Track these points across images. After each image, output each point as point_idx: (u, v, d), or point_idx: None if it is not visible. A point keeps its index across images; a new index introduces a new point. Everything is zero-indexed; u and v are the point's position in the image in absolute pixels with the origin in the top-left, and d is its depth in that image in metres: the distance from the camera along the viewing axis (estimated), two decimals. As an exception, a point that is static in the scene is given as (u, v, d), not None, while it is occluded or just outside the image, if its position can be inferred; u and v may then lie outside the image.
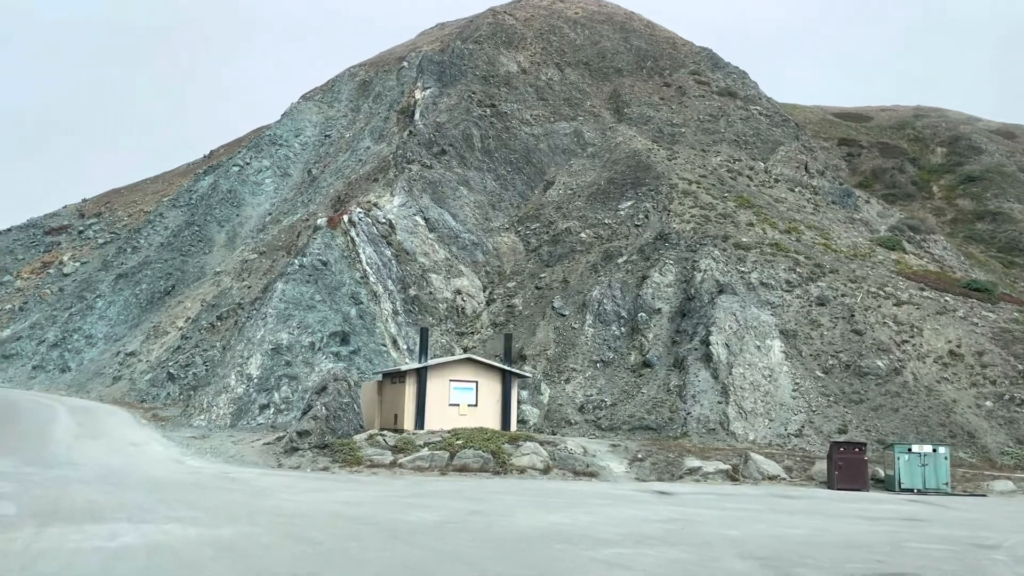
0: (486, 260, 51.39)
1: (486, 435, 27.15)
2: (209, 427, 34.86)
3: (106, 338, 55.39)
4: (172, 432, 34.30)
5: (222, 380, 36.91)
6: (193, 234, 62.75)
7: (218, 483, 20.28)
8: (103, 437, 30.98)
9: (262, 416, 35.66)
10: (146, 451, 28.53)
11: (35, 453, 25.97)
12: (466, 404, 29.96)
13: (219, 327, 48.24)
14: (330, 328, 39.83)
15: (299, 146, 73.85)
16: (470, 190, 55.17)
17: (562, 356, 40.96)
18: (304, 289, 41.02)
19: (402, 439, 27.29)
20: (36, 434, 30.75)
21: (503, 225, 53.96)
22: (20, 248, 73.05)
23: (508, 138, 59.50)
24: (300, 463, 26.65)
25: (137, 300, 57.61)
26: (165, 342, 50.97)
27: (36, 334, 57.96)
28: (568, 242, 49.94)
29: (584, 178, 55.72)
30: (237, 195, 66.86)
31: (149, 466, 24.13)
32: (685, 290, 42.00)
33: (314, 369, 37.78)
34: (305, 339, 38.73)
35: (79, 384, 51.12)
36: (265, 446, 29.76)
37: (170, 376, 45.58)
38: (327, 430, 27.46)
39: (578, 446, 27.28)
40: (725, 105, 65.17)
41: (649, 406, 35.95)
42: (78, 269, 66.55)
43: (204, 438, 32.46)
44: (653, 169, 53.44)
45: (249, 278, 52.39)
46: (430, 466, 25.75)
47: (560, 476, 25.46)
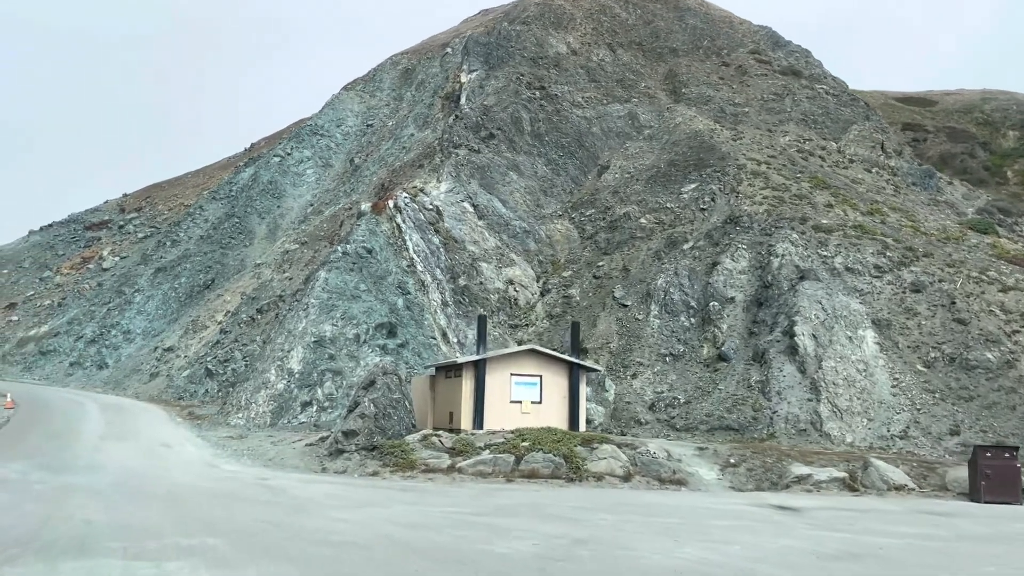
0: (538, 248, 47.96)
1: (555, 436, 23.69)
2: (247, 426, 31.94)
3: (144, 333, 53.08)
4: (208, 432, 31.44)
5: (261, 375, 33.98)
6: (233, 226, 60.31)
7: (252, 493, 17.11)
8: (132, 437, 28.17)
9: (304, 414, 32.63)
10: (177, 453, 25.59)
11: (54, 455, 23.17)
12: (529, 401, 26.54)
13: (259, 320, 45.47)
14: (376, 319, 36.70)
15: (341, 136, 71.22)
16: (520, 175, 51.77)
17: (626, 349, 37.37)
18: (348, 278, 37.95)
19: (460, 440, 23.95)
20: (61, 434, 28.06)
21: (556, 212, 50.46)
22: (60, 244, 71.44)
23: (559, 121, 55.97)
24: (346, 467, 23.47)
25: (176, 294, 55.24)
26: (204, 337, 48.40)
27: (74, 330, 55.90)
28: (627, 228, 46.27)
29: (642, 161, 51.98)
30: (278, 186, 64.33)
31: (177, 471, 21.11)
32: (761, 277, 38.11)
33: (359, 363, 34.68)
34: (349, 331, 35.64)
35: (116, 381, 48.78)
36: (307, 447, 26.67)
37: (208, 372, 42.90)
38: (376, 430, 24.24)
39: (660, 449, 23.68)
40: (789, 84, 60.91)
41: (729, 404, 32.18)
42: (117, 264, 64.55)
43: (242, 438, 29.52)
44: (717, 150, 49.50)
45: (290, 269, 49.61)
46: (493, 471, 22.39)
47: (644, 484, 21.92)
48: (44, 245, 71.84)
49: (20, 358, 55.11)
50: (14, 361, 54.93)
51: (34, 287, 64.96)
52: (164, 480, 18.81)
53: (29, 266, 68.85)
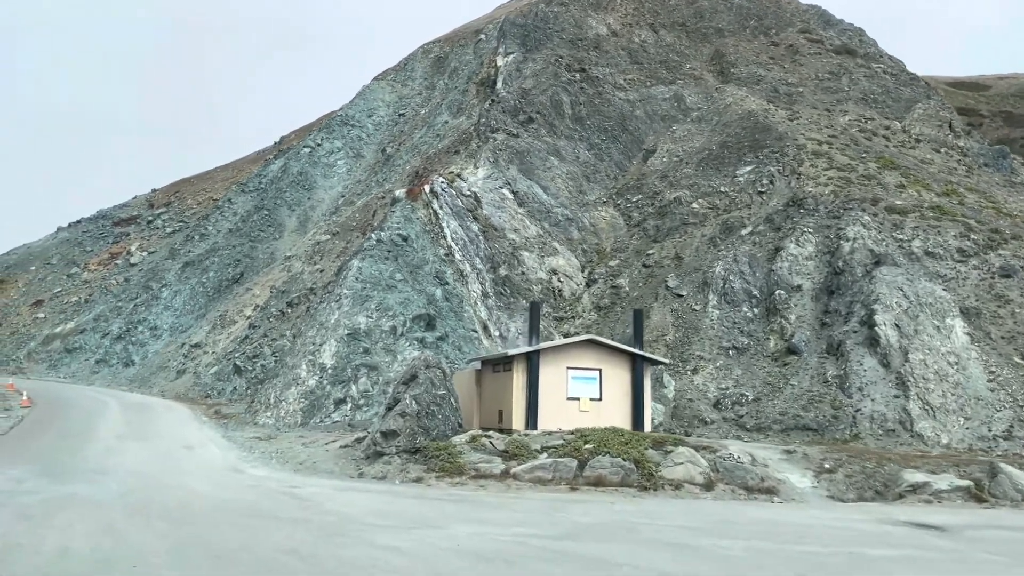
0: (582, 237, 44.98)
1: (623, 438, 20.72)
2: (277, 426, 29.35)
3: (171, 329, 50.92)
4: (235, 432, 28.90)
5: (292, 371, 31.38)
6: (262, 219, 58.03)
7: (279, 506, 14.38)
8: (151, 438, 25.67)
9: (337, 412, 29.97)
10: (199, 456, 23.01)
11: (62, 459, 20.68)
12: (588, 398, 23.59)
13: (289, 315, 42.99)
14: (413, 311, 33.97)
15: (372, 126, 68.71)
16: (561, 160, 48.80)
17: (684, 342, 34.26)
18: (383, 267, 35.26)
19: (513, 442, 21.06)
20: (76, 434, 25.64)
21: (600, 198, 47.43)
22: (89, 240, 69.75)
23: (601, 104, 52.92)
24: (386, 471, 20.70)
25: (204, 289, 53.03)
26: (232, 332, 46.06)
27: (100, 326, 53.92)
28: (678, 214, 43.12)
29: (691, 144, 48.75)
30: (308, 177, 61.96)
31: (195, 477, 18.48)
32: (830, 263, 34.82)
33: (396, 357, 31.97)
34: (385, 323, 32.94)
35: (142, 379, 46.62)
36: (342, 449, 23.97)
37: (236, 369, 40.48)
38: (418, 430, 21.44)
39: (743, 452, 20.61)
40: (844, 63, 57.28)
41: (804, 401, 28.97)
42: (145, 259, 62.61)
43: (270, 439, 26.92)
44: (773, 130, 46.13)
45: (321, 261, 47.10)
46: (553, 478, 19.48)
47: (729, 493, 18.89)
48: (72, 241, 70.20)
49: (45, 356, 53.26)
50: (39, 359, 53.10)
51: (61, 284, 63.26)
52: (178, 489, 16.16)
53: (57, 263, 67.22)
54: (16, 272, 67.60)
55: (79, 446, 23.18)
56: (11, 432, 26.06)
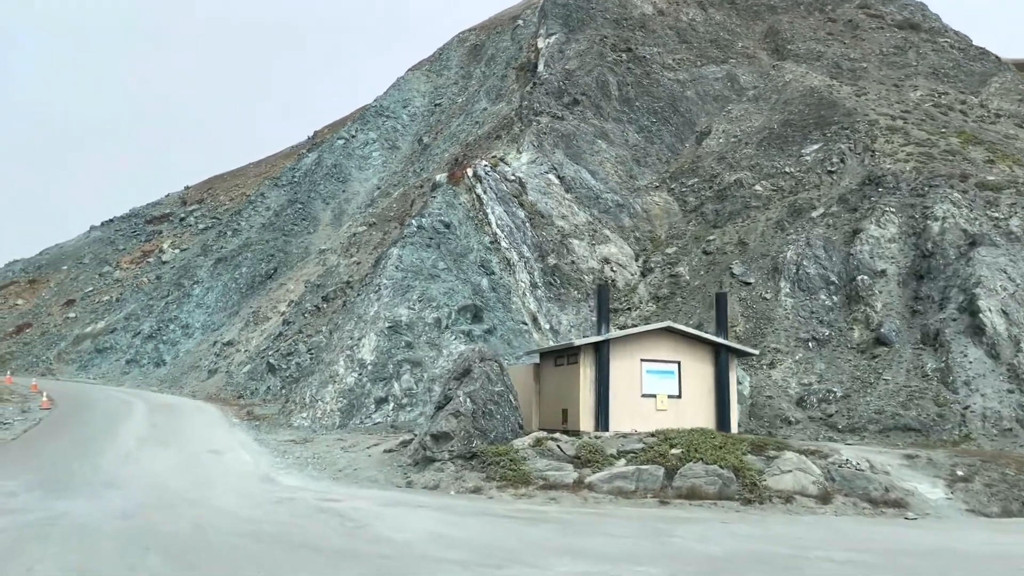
0: (634, 224, 41.79)
1: (715, 441, 17.58)
2: (313, 427, 26.62)
3: (203, 327, 48.67)
4: (268, 434, 26.23)
5: (329, 368, 28.64)
6: (296, 212, 55.65)
7: (316, 530, 11.53)
8: (176, 443, 23.05)
9: (379, 413, 27.17)
10: (226, 463, 20.32)
11: (71, 467, 18.09)
12: (665, 395, 20.48)
13: (325, 309, 40.40)
14: (458, 301, 31.09)
15: (407, 117, 66.12)
16: (609, 144, 45.64)
17: (756, 334, 30.98)
18: (425, 255, 32.44)
19: (585, 446, 18.03)
20: (94, 439, 23.12)
21: (652, 183, 44.19)
22: (121, 238, 68.01)
23: (649, 84, 49.67)
24: (438, 480, 17.81)
25: (237, 285, 50.72)
26: (265, 329, 43.61)
27: (131, 326, 51.87)
28: (739, 197, 39.78)
29: (749, 123, 45.32)
30: (343, 170, 59.50)
31: (219, 489, 15.74)
32: (917, 244, 31.36)
33: (441, 352, 29.10)
34: (429, 315, 30.09)
35: (173, 379, 44.35)
36: (387, 454, 21.14)
37: (270, 367, 37.96)
38: (474, 432, 18.51)
39: (859, 458, 17.33)
40: (909, 38, 53.40)
41: (902, 398, 25.56)
42: (177, 256, 60.60)
43: (306, 442, 24.19)
44: (840, 106, 42.54)
45: (358, 253, 44.46)
46: (637, 489, 16.43)
47: (851, 507, 15.69)
48: (105, 240, 68.52)
49: (76, 356, 51.33)
50: (69, 360, 51.18)
51: (93, 283, 61.48)
52: (196, 507, 13.39)
53: (89, 262, 65.53)
54: (48, 272, 66.08)
55: (94, 452, 20.62)
56: (24, 436, 23.63)
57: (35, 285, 64.05)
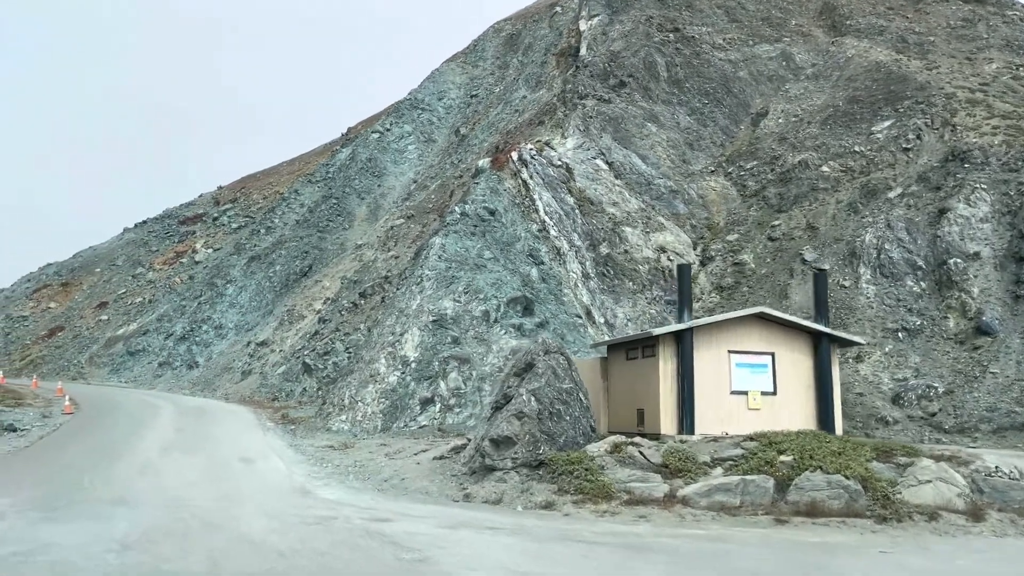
0: (690, 211, 38.83)
1: (831, 445, 14.69)
2: (353, 431, 24.12)
3: (237, 328, 46.62)
4: (304, 439, 23.81)
5: (369, 366, 26.13)
6: (331, 208, 53.47)
7: (362, 567, 8.90)
8: (203, 450, 20.67)
9: (424, 415, 24.58)
10: (258, 473, 17.86)
11: (81, 480, 15.74)
12: (758, 392, 17.60)
13: (363, 306, 38.00)
14: (507, 293, 28.43)
15: (443, 110, 63.71)
16: (660, 127, 42.72)
17: (836, 324, 27.78)
18: (469, 244, 29.84)
19: (673, 453, 15.23)
20: (113, 447, 20.84)
21: (707, 167, 41.18)
22: (154, 239, 66.48)
23: (700, 65, 46.62)
24: (501, 493, 15.15)
25: (271, 283, 48.63)
26: (301, 328, 41.36)
27: (164, 327, 50.02)
28: (804, 179, 36.67)
29: (810, 102, 42.11)
30: (378, 164, 57.23)
31: (248, 506, 13.24)
32: (1013, 224, 28.13)
33: (491, 348, 26.46)
34: (476, 308, 27.47)
35: (205, 381, 42.28)
36: (437, 462, 18.53)
37: (306, 367, 35.63)
38: (541, 436, 15.82)
39: (1008, 465, 14.32)
40: (976, 10, 49.66)
41: (1016, 392, 22.40)
42: (210, 256, 58.78)
43: (346, 448, 21.71)
44: (912, 80, 39.19)
45: (396, 247, 42.04)
46: (742, 503, 13.61)
47: (1008, 525, 12.71)
48: (138, 242, 67.05)
49: (108, 359, 49.62)
50: (101, 363, 49.47)
51: (126, 285, 59.91)
52: (216, 531, 10.88)
53: (123, 264, 64.06)
54: (81, 275, 64.74)
55: (111, 462, 18.28)
56: (38, 443, 21.42)
57: (68, 288, 62.71)
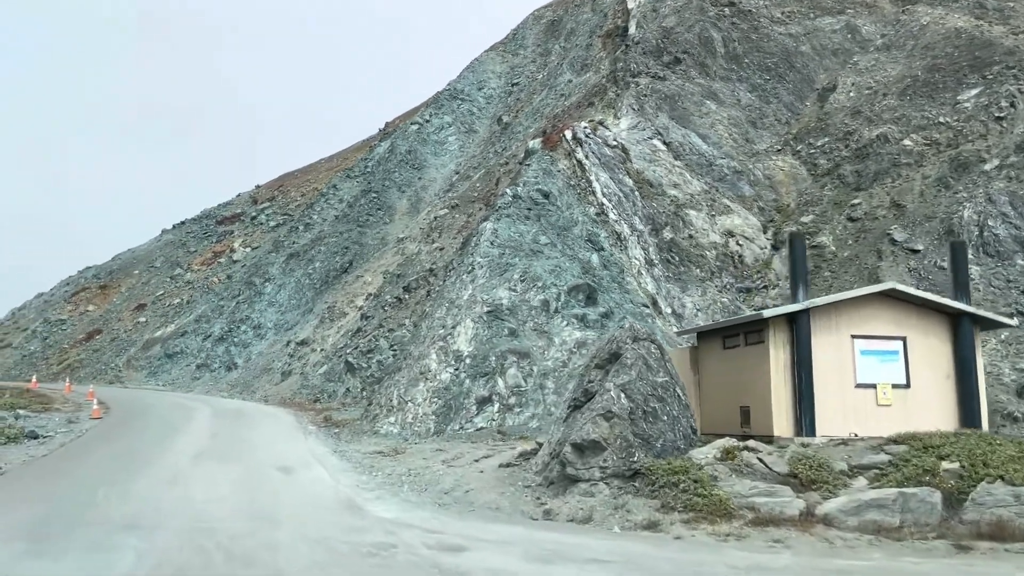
0: (756, 192, 35.76)
1: (1008, 450, 11.71)
2: (403, 435, 21.58)
3: (276, 327, 44.55)
4: (349, 444, 21.34)
5: (418, 363, 23.57)
6: (371, 202, 51.24)
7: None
8: (238, 457, 18.27)
9: (481, 416, 21.95)
10: (299, 484, 15.38)
11: (96, 496, 13.38)
12: (889, 384, 14.63)
13: (407, 301, 35.55)
14: (568, 281, 25.70)
15: (483, 100, 61.19)
16: (719, 104, 39.65)
17: (938, 309, 24.65)
18: (523, 228, 27.16)
19: (801, 460, 12.38)
20: (140, 454, 18.55)
21: (772, 146, 38.03)
22: (192, 240, 64.97)
23: (759, 40, 43.41)
24: (590, 510, 12.43)
25: (310, 281, 46.51)
26: (342, 326, 39.09)
27: (201, 328, 48.18)
28: (884, 154, 33.41)
29: (883, 73, 38.72)
30: (417, 156, 54.88)
31: (287, 528, 10.71)
32: None
33: (552, 341, 23.74)
34: (534, 297, 24.78)
35: (244, 383, 40.22)
36: (504, 470, 15.88)
37: (348, 366, 33.28)
38: (635, 440, 13.07)
39: None
40: (1057, -27, 45.83)
41: None
42: (248, 255, 56.95)
43: (397, 454, 19.16)
44: (998, 46, 35.67)
45: (440, 238, 39.56)
46: (902, 523, 10.73)
47: None
48: (176, 243, 65.61)
49: (145, 362, 47.92)
50: (139, 366, 47.78)
51: (164, 286, 58.36)
52: (249, 566, 8.36)
53: (161, 265, 62.60)
54: (119, 277, 63.42)
55: (134, 472, 15.93)
56: (59, 451, 19.21)
57: (106, 291, 61.41)
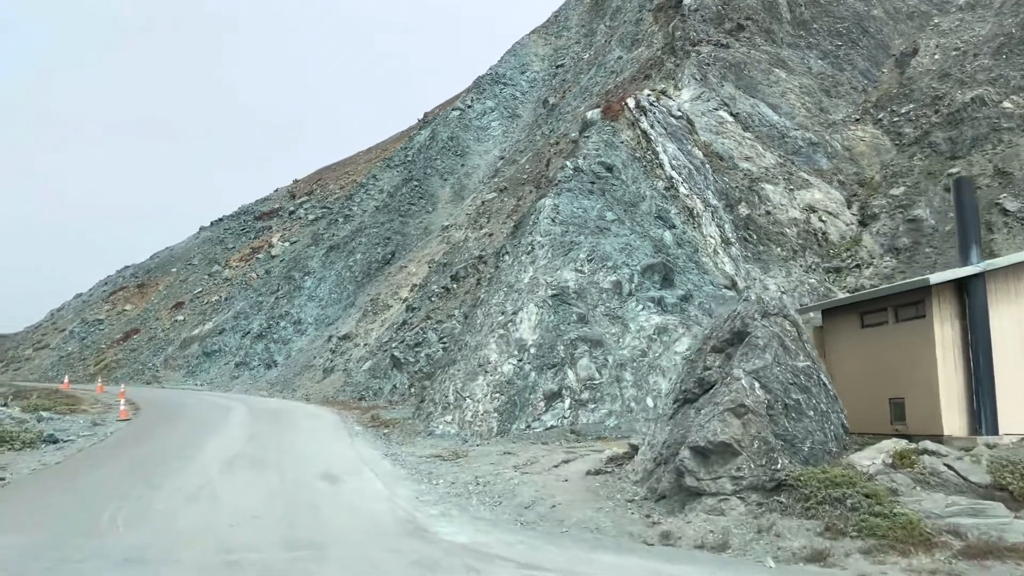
0: (835, 165, 32.41)
1: None
2: (463, 435, 18.83)
3: (316, 322, 42.24)
4: (402, 446, 18.67)
5: (475, 354, 20.79)
6: (412, 191, 48.74)
7: None
8: (276, 463, 15.67)
9: (551, 413, 19.11)
10: (347, 496, 12.72)
11: (102, 515, 10.81)
12: (1085, 366, 11.46)
13: (455, 290, 32.88)
14: (640, 260, 22.73)
15: (526, 83, 58.31)
16: (789, 73, 36.29)
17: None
18: (587, 204, 24.25)
19: (1005, 465, 9.29)
20: (165, 460, 16.06)
21: (850, 115, 34.60)
22: (231, 237, 63.14)
23: (827, 4, 39.89)
24: (723, 534, 9.52)
25: (351, 273, 44.13)
26: (387, 319, 36.58)
27: (240, 325, 46.09)
28: (982, 118, 29.88)
29: (971, 33, 35.07)
30: (460, 143, 52.24)
31: (335, 560, 7.90)
32: None
33: (627, 327, 20.80)
34: (603, 278, 21.87)
35: (284, 381, 37.92)
36: (593, 479, 13.05)
37: (395, 361, 30.70)
38: (776, 443, 10.10)
39: None
40: None
41: None
42: (287, 249, 54.84)
43: (458, 458, 16.42)
44: (1106, -7, 31.87)
45: (488, 224, 36.83)
46: None
47: None
48: (214, 240, 63.86)
49: (183, 362, 45.98)
50: (176, 366, 45.86)
51: (202, 284, 56.56)
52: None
53: (199, 263, 60.87)
54: (157, 276, 61.85)
55: (154, 483, 13.41)
56: (76, 456, 16.81)
57: (144, 290, 59.83)
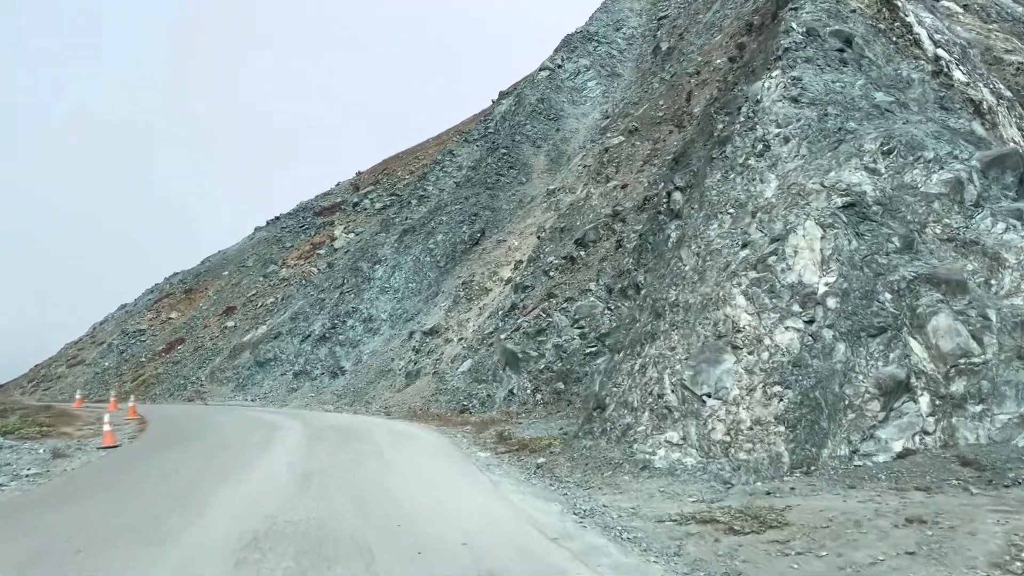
0: None
1: None
2: (714, 468, 9.19)
3: (392, 318, 33.30)
4: (595, 494, 9.33)
5: (702, 316, 11.13)
6: (499, 160, 39.69)
7: None
8: (357, 548, 6.19)
9: (894, 424, 9.35)
10: None
11: None
12: None
13: (586, 258, 23.43)
14: (971, 153, 12.85)
15: (623, 41, 48.98)
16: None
17: None
18: (843, 78, 14.57)
19: None
20: (133, 532, 6.72)
21: None
22: (288, 235, 54.95)
23: None
24: None
25: (432, 258, 35.14)
26: (486, 304, 27.38)
27: (299, 328, 37.42)
28: None
29: None
30: (552, 105, 43.06)
31: None
32: None
33: (1000, 257, 10.93)
34: (924, 178, 12.09)
35: (356, 391, 28.91)
36: None
37: (509, 357, 21.34)
38: None
39: None
40: None
41: None
42: (351, 240, 46.29)
43: (763, 526, 6.77)
44: None
45: (618, 175, 27.31)
46: None
47: None
48: (270, 240, 55.74)
49: (232, 373, 37.53)
50: (224, 378, 37.40)
51: (257, 286, 48.31)
52: None
53: (252, 264, 52.76)
54: (207, 280, 53.97)
55: None
56: None
57: (192, 295, 51.97)
